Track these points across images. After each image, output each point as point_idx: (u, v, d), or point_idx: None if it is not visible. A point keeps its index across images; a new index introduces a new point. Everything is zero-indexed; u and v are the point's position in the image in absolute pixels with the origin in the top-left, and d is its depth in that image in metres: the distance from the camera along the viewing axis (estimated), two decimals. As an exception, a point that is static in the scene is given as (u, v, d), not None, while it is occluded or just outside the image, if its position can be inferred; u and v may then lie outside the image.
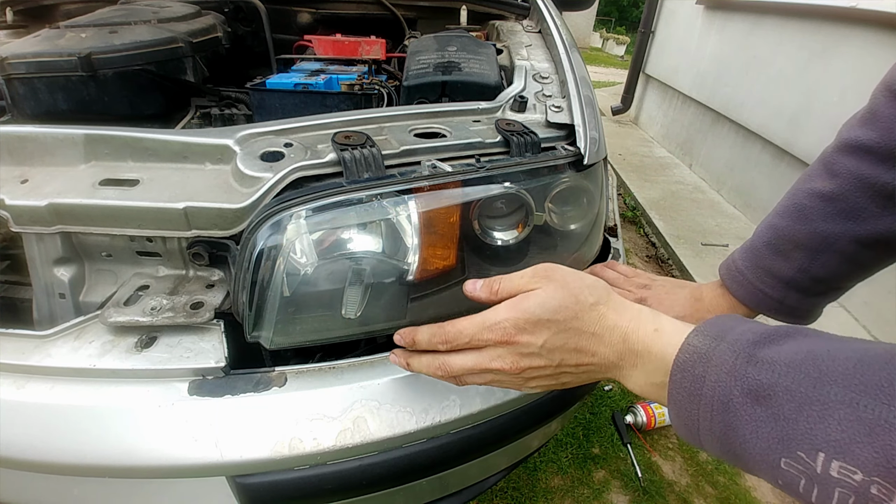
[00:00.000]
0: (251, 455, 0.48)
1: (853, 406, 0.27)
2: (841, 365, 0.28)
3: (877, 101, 0.48)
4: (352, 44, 1.01)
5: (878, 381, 0.26)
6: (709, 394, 0.32)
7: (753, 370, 0.31)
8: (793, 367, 0.29)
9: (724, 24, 3.13)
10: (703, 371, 0.33)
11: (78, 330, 0.52)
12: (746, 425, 0.30)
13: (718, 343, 0.33)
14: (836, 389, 0.27)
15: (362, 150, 0.52)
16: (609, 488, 1.27)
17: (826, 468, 0.26)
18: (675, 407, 0.34)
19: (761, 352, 0.31)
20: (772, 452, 0.29)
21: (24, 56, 0.76)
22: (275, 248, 0.49)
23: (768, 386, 0.30)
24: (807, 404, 0.28)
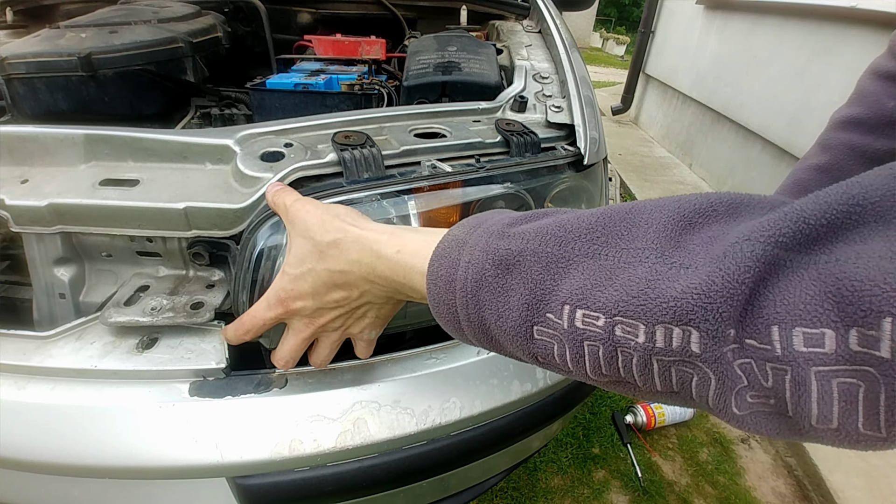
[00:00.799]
0: (251, 456, 0.48)
1: (595, 257, 0.27)
2: (585, 223, 0.29)
3: (862, 83, 0.51)
4: (352, 44, 1.01)
5: (617, 231, 0.27)
6: (462, 275, 0.32)
7: (504, 243, 0.31)
8: (541, 233, 0.30)
9: (725, 24, 3.13)
10: (458, 255, 0.33)
11: (79, 331, 0.52)
12: (498, 298, 0.30)
13: (476, 230, 0.33)
14: (580, 244, 0.28)
15: (362, 150, 0.52)
16: (609, 488, 1.27)
17: (572, 320, 0.26)
18: (435, 300, 0.34)
19: (514, 228, 0.32)
20: (524, 322, 0.29)
21: (24, 56, 0.76)
22: (275, 248, 0.49)
23: (517, 253, 0.30)
24: (553, 263, 0.28)
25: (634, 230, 0.27)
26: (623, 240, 0.27)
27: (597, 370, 0.27)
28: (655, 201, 0.28)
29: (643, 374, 0.25)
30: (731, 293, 0.21)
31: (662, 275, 0.24)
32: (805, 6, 2.29)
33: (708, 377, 0.23)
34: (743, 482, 1.33)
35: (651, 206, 0.28)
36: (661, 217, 0.26)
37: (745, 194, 0.26)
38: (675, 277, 0.23)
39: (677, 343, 0.23)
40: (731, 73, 2.97)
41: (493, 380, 0.56)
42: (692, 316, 0.22)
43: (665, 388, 0.25)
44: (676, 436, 1.45)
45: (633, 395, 0.28)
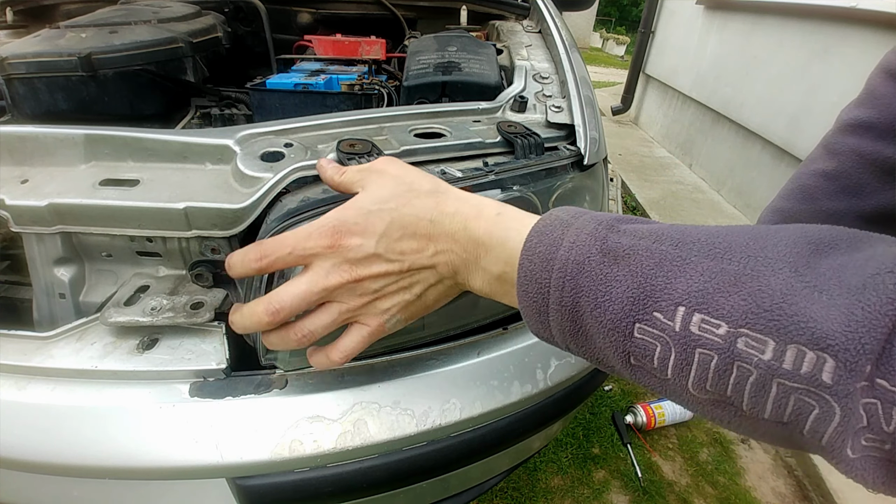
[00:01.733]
0: (251, 457, 0.48)
1: (716, 259, 0.25)
2: (703, 234, 0.27)
3: (873, 83, 0.48)
4: (352, 44, 1.01)
5: (742, 242, 0.25)
6: (563, 255, 0.29)
7: (615, 235, 0.29)
8: (654, 233, 0.28)
9: (725, 24, 3.13)
10: (562, 234, 0.30)
11: (80, 331, 0.52)
12: (600, 286, 0.27)
13: (581, 216, 0.31)
14: (699, 247, 0.26)
15: (368, 158, 0.51)
16: (609, 488, 1.27)
17: (686, 323, 0.24)
18: (526, 277, 0.31)
19: (624, 225, 0.30)
20: (625, 317, 0.26)
21: (24, 56, 0.76)
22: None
23: (629, 247, 0.27)
24: (667, 260, 0.26)
25: (761, 242, 0.25)
26: (749, 249, 0.25)
27: (700, 383, 0.24)
28: (776, 227, 0.26)
29: (755, 396, 0.23)
30: (874, 325, 0.19)
31: (798, 292, 0.22)
32: (805, 6, 2.29)
33: (832, 412, 0.21)
34: (743, 482, 1.33)
35: (774, 230, 0.26)
36: (788, 238, 0.25)
37: (864, 232, 0.25)
38: (812, 299, 0.21)
39: (807, 368, 0.21)
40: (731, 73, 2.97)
41: (493, 381, 0.56)
42: (832, 342, 0.20)
43: (774, 416, 0.23)
44: (676, 436, 1.45)
45: (724, 421, 0.25)
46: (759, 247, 0.25)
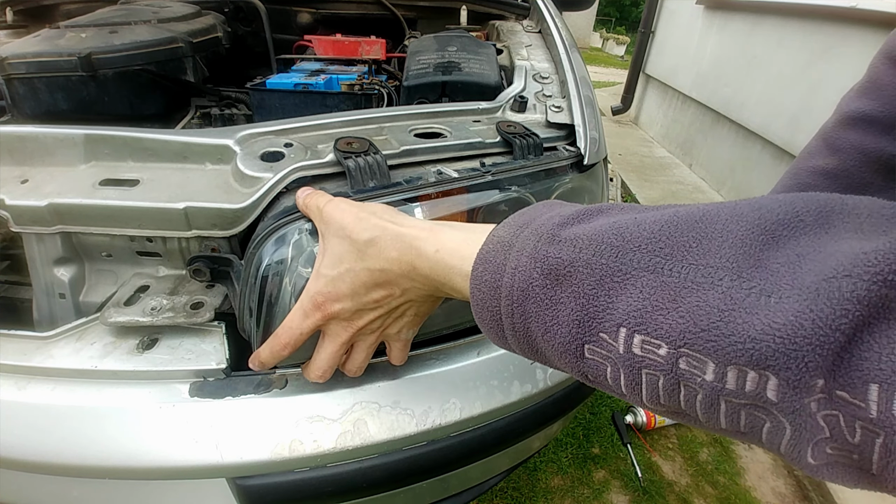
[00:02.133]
0: (251, 457, 0.48)
1: (657, 272, 0.23)
2: (647, 230, 0.25)
3: (876, 70, 0.45)
4: (352, 44, 1.01)
5: (684, 242, 0.23)
6: (508, 282, 0.29)
7: (554, 249, 0.27)
8: (595, 240, 0.26)
9: (725, 24, 3.13)
10: (504, 259, 0.30)
11: (80, 331, 0.52)
12: (546, 311, 0.27)
13: (523, 230, 0.30)
14: (640, 256, 0.24)
15: (366, 157, 0.51)
16: (609, 488, 1.27)
17: (629, 345, 0.23)
18: (478, 306, 0.31)
19: (565, 231, 0.28)
20: (574, 340, 0.26)
21: (24, 56, 0.76)
22: (281, 263, 0.47)
23: (568, 263, 0.26)
24: (608, 276, 0.25)
25: (706, 242, 0.23)
26: (692, 253, 0.23)
27: (654, 399, 0.24)
28: (731, 206, 0.24)
29: (707, 412, 0.22)
30: (823, 340, 0.18)
31: (739, 304, 0.20)
32: (805, 6, 2.29)
33: (782, 426, 0.20)
34: (743, 482, 1.33)
35: (727, 214, 0.24)
36: (738, 228, 0.22)
37: (836, 196, 0.22)
38: (754, 309, 0.20)
39: (751, 387, 0.20)
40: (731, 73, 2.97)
41: (493, 381, 0.56)
42: (771, 361, 0.19)
43: (731, 428, 0.22)
44: (676, 436, 1.45)
45: (693, 425, 0.25)
46: (703, 250, 0.23)
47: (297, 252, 0.47)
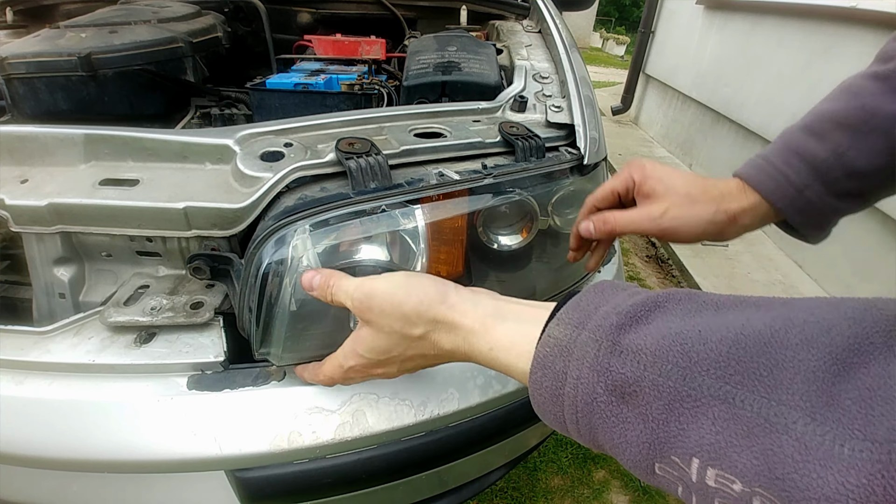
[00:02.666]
0: (250, 449, 0.48)
1: (728, 402, 0.23)
2: (713, 350, 0.24)
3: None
4: (352, 44, 1.01)
5: (755, 370, 0.23)
6: (571, 393, 0.28)
7: (617, 362, 0.27)
8: (659, 356, 0.26)
9: (724, 24, 3.13)
10: (565, 367, 0.29)
11: (77, 326, 0.53)
12: (614, 428, 0.27)
13: (580, 332, 0.29)
14: (709, 381, 0.24)
15: (367, 158, 0.51)
16: (609, 488, 1.27)
17: (702, 476, 0.23)
18: (540, 407, 0.31)
19: (626, 338, 0.27)
20: (644, 457, 0.26)
21: (24, 56, 0.76)
22: (281, 264, 0.47)
23: (634, 381, 0.26)
24: (677, 401, 0.24)
25: (777, 372, 0.22)
26: (763, 383, 0.22)
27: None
28: (800, 328, 0.23)
29: None
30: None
31: (813, 453, 0.20)
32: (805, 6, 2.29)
33: None
34: (743, 482, 1.33)
35: (796, 338, 0.23)
36: (809, 357, 0.22)
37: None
38: (828, 461, 0.19)
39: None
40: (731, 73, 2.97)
41: (490, 371, 0.56)
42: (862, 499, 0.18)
43: None
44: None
45: None
46: (774, 381, 0.22)
47: (299, 253, 0.47)
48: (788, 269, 2.19)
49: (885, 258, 1.79)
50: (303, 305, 0.48)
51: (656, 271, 2.32)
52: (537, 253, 0.59)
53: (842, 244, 1.99)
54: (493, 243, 0.55)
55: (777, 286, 2.06)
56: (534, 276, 0.63)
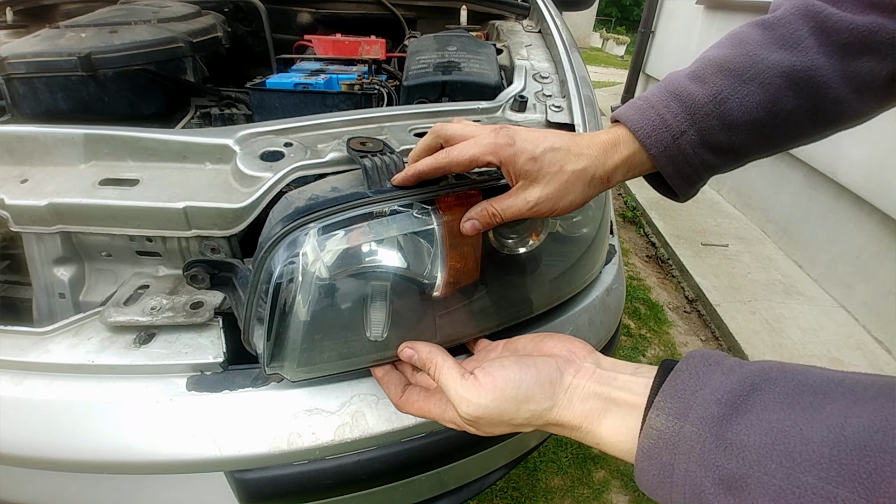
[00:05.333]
0: (249, 450, 0.48)
1: (829, 499, 0.24)
2: (815, 451, 0.26)
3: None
4: (352, 44, 1.01)
5: (854, 471, 0.24)
6: (679, 482, 0.30)
7: (724, 457, 0.28)
8: (763, 453, 0.27)
9: (724, 24, 3.13)
10: (671, 459, 0.31)
11: (76, 326, 0.53)
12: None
13: (683, 424, 0.31)
14: (811, 480, 0.25)
15: (382, 156, 0.49)
16: (609, 488, 1.27)
17: None
18: (649, 491, 0.33)
19: (730, 431, 0.29)
20: None
21: (24, 56, 0.76)
22: (296, 270, 0.44)
23: (740, 477, 0.28)
24: (782, 496, 0.26)
25: (875, 476, 0.24)
26: (863, 485, 0.24)
27: None
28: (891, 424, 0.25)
29: None
30: None
31: None
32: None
33: None
34: (743, 482, 1.33)
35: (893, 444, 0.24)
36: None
37: None
38: None
39: None
40: (731, 73, 2.97)
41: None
42: None
43: None
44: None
45: None
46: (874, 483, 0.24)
47: (315, 258, 0.44)
48: (788, 269, 2.19)
49: (885, 258, 1.79)
50: (317, 314, 0.46)
51: (656, 271, 2.32)
52: (545, 257, 0.59)
53: (842, 244, 1.99)
54: (505, 247, 0.55)
55: (777, 286, 2.06)
56: (543, 280, 0.62)
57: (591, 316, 0.65)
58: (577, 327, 0.63)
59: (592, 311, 0.66)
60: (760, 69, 0.44)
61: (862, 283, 1.87)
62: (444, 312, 0.50)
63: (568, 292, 0.64)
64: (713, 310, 1.91)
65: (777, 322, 1.83)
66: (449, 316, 0.51)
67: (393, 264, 0.47)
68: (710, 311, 1.93)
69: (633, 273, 2.25)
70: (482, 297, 0.52)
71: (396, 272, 0.47)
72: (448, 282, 0.49)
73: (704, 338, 1.88)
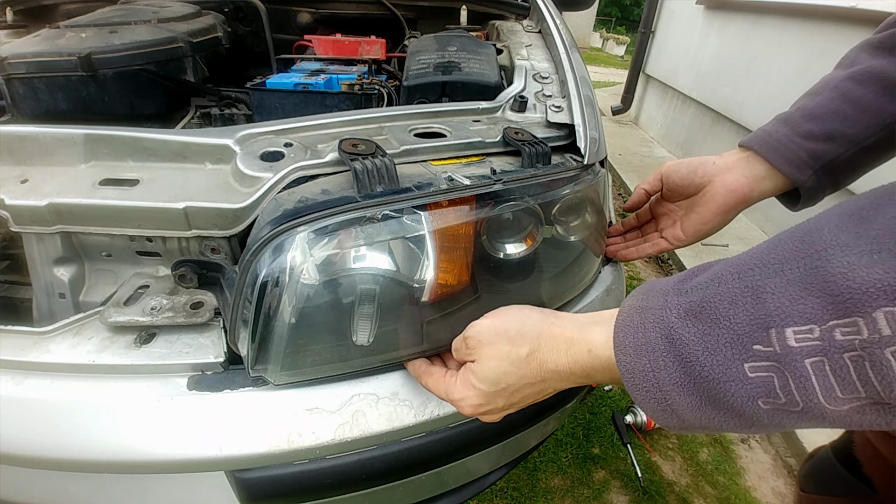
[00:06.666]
0: (250, 449, 0.48)
1: (779, 275, 0.26)
2: (755, 254, 0.29)
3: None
4: (352, 44, 1.01)
5: (790, 249, 0.27)
6: (653, 337, 0.31)
7: (683, 298, 0.31)
8: (715, 278, 0.30)
9: (724, 24, 3.13)
10: (641, 319, 0.33)
11: (77, 326, 0.53)
12: (696, 347, 0.29)
13: (648, 294, 0.34)
14: (759, 271, 0.28)
15: (373, 159, 0.48)
16: (609, 488, 1.27)
17: (784, 342, 0.25)
18: (630, 373, 0.33)
19: (686, 284, 0.32)
20: (732, 363, 0.27)
21: (24, 56, 0.76)
22: (282, 274, 0.44)
23: (699, 302, 0.30)
24: (739, 297, 0.28)
25: (808, 238, 0.26)
26: (801, 250, 0.26)
27: (830, 394, 0.24)
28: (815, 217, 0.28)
29: (882, 378, 0.23)
30: None
31: (858, 265, 0.23)
32: (805, 6, 2.29)
33: None
34: (743, 482, 1.33)
35: (815, 221, 0.27)
36: (830, 220, 0.26)
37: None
38: (872, 263, 0.23)
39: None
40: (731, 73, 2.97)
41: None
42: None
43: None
44: (676, 436, 1.45)
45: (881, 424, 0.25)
46: (809, 242, 0.26)
47: (301, 262, 0.44)
48: (788, 269, 2.19)
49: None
50: (303, 318, 0.46)
51: (656, 271, 2.32)
52: (540, 262, 0.58)
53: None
54: (498, 252, 0.54)
55: (777, 286, 2.06)
56: (537, 285, 0.62)
57: (590, 316, 0.65)
58: (577, 327, 0.63)
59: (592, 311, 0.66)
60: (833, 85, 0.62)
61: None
62: (433, 318, 0.50)
63: (564, 297, 0.64)
64: (713, 310, 1.90)
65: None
66: (437, 322, 0.51)
67: (381, 269, 0.47)
68: (710, 311, 1.93)
69: (633, 273, 2.25)
70: (473, 302, 0.52)
71: (385, 277, 0.47)
72: (437, 287, 0.49)
73: (704, 338, 1.87)
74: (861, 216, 0.25)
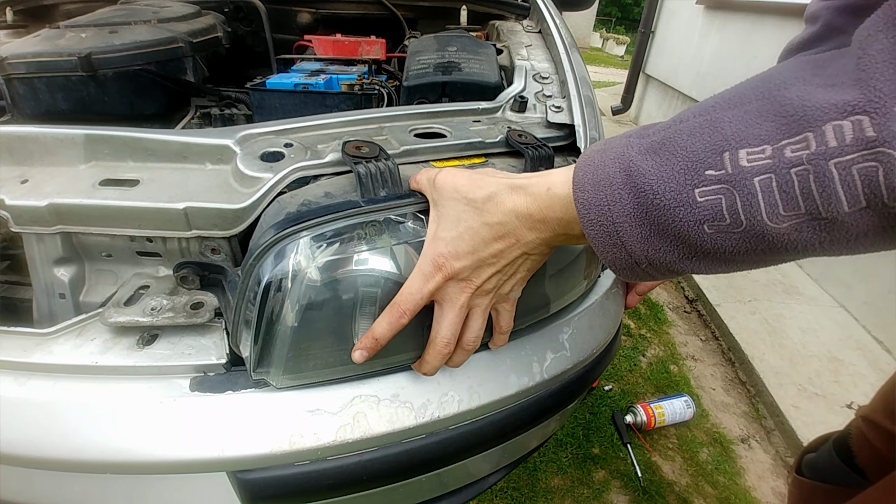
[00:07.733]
0: (252, 450, 0.48)
1: (737, 106, 0.28)
2: (718, 96, 0.30)
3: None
4: (352, 44, 1.01)
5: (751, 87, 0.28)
6: (611, 172, 0.32)
7: (644, 140, 0.32)
8: (677, 118, 0.31)
9: (724, 24, 3.13)
10: (602, 158, 0.34)
11: (80, 327, 0.53)
12: (652, 177, 0.30)
13: (611, 139, 0.35)
14: (720, 107, 0.29)
15: (377, 163, 0.48)
16: (609, 488, 1.27)
17: (736, 162, 0.26)
18: (586, 208, 0.34)
19: (649, 129, 0.33)
20: (684, 189, 0.28)
21: (24, 56, 0.76)
22: (285, 279, 0.44)
23: (660, 140, 0.31)
24: (697, 129, 0.29)
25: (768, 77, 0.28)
26: (761, 86, 0.28)
27: (773, 210, 0.26)
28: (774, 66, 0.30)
29: (824, 191, 0.24)
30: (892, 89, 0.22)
31: (814, 90, 0.25)
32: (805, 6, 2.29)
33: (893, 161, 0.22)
34: (743, 482, 1.33)
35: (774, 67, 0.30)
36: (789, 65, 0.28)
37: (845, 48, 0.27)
38: (827, 90, 0.24)
39: (850, 136, 0.23)
40: (731, 73, 2.97)
41: (490, 374, 0.56)
42: (857, 104, 0.23)
43: (852, 204, 0.24)
44: (676, 436, 1.45)
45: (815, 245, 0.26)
46: (769, 79, 0.28)
47: (303, 267, 0.44)
48: (788, 269, 2.19)
49: (885, 258, 1.79)
50: (306, 323, 0.46)
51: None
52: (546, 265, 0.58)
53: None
54: None
55: (777, 286, 2.06)
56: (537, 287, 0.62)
57: (590, 319, 0.65)
58: (576, 330, 0.63)
59: (592, 314, 0.66)
60: None
61: (861, 282, 1.88)
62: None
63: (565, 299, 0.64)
64: (713, 310, 1.91)
65: (777, 322, 1.83)
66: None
67: (384, 274, 0.47)
68: (710, 310, 1.94)
69: (632, 273, 2.25)
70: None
71: (387, 281, 0.47)
72: None
73: (704, 337, 1.88)
74: (817, 64, 0.27)
